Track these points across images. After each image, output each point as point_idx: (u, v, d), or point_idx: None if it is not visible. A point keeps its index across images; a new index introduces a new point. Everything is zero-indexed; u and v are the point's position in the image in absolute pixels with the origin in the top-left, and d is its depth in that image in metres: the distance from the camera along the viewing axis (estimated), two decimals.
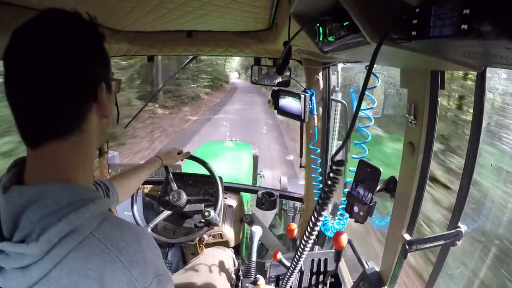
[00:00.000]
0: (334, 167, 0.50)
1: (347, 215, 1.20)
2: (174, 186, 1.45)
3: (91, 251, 0.39)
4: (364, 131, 0.86)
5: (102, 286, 0.39)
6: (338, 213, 1.20)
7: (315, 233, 0.60)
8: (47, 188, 0.41)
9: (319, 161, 1.33)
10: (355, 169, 0.75)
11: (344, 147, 1.29)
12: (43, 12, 0.46)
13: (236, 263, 1.42)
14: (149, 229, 1.41)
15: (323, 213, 0.56)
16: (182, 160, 1.37)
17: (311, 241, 0.63)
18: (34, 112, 0.43)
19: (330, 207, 1.35)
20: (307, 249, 0.63)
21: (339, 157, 0.47)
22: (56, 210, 0.40)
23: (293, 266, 0.71)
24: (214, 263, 1.27)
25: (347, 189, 0.80)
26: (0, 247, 0.39)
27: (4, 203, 0.41)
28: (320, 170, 1.36)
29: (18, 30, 0.44)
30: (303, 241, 0.62)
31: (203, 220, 1.41)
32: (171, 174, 1.46)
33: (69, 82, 0.44)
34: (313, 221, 0.58)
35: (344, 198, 1.01)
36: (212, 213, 1.38)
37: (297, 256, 0.65)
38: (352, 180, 0.75)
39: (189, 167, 2.16)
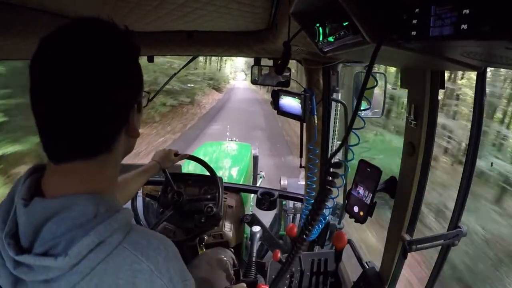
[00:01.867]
0: (331, 170, 0.50)
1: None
2: (174, 187, 1.45)
3: (121, 261, 0.39)
4: (355, 134, 0.86)
5: None
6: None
7: (310, 234, 0.59)
8: (72, 201, 0.40)
9: (319, 161, 1.33)
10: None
11: (344, 150, 1.30)
12: (75, 20, 0.42)
13: (236, 263, 1.42)
14: (144, 221, 1.41)
15: (317, 217, 0.55)
16: (180, 160, 1.37)
17: (306, 242, 0.63)
18: (60, 133, 0.41)
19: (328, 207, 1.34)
20: (301, 250, 0.63)
21: (338, 157, 0.47)
22: (83, 222, 0.39)
23: (285, 267, 0.71)
24: (214, 263, 1.27)
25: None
26: (22, 259, 0.38)
27: (25, 216, 0.40)
28: (320, 170, 1.36)
29: (47, 38, 0.40)
30: (297, 242, 0.62)
31: (203, 220, 1.41)
32: (169, 176, 1.46)
33: (102, 105, 0.41)
34: (309, 222, 0.58)
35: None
36: (215, 208, 1.38)
37: (290, 257, 0.65)
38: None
39: (189, 168, 2.16)
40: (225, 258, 1.31)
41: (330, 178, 0.51)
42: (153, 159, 1.23)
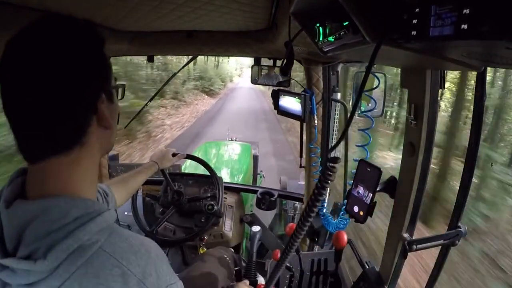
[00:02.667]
0: (328, 164, 0.50)
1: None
2: (173, 186, 1.45)
3: (101, 266, 0.39)
4: (366, 133, 0.86)
5: None
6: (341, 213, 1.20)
7: (305, 228, 0.60)
8: (51, 203, 0.40)
9: (320, 161, 1.33)
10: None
11: (344, 148, 1.30)
12: (39, 18, 0.43)
13: (238, 262, 1.43)
14: (154, 232, 1.42)
15: (314, 209, 0.55)
16: (178, 160, 1.37)
17: (301, 236, 0.63)
18: (30, 129, 0.41)
19: (324, 203, 1.35)
20: (297, 243, 0.64)
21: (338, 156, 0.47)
22: (62, 225, 0.39)
23: (281, 261, 0.71)
24: (216, 261, 1.27)
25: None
26: (5, 263, 0.38)
27: (7, 218, 0.40)
28: (320, 169, 1.36)
29: (14, 37, 0.41)
30: (293, 236, 0.63)
31: (203, 220, 1.41)
32: (168, 176, 1.46)
33: (65, 98, 0.41)
34: (305, 215, 0.58)
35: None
36: (216, 206, 1.39)
37: (286, 251, 0.66)
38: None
39: (189, 168, 2.16)
40: (226, 257, 1.32)
41: (328, 173, 0.51)
42: (151, 159, 1.23)
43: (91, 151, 0.46)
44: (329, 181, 0.51)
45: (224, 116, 10.49)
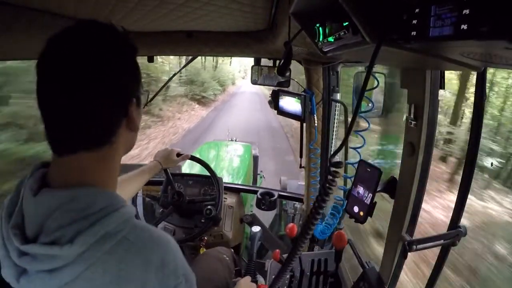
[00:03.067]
0: (331, 169, 0.50)
1: (337, 215, 1.22)
2: (175, 186, 1.45)
3: (124, 253, 0.41)
4: (360, 135, 0.86)
5: (137, 286, 0.41)
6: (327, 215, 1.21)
7: (308, 236, 0.59)
8: (79, 192, 0.42)
9: (319, 161, 1.33)
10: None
11: (344, 151, 1.30)
12: (77, 22, 0.46)
13: (238, 262, 1.43)
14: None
15: (318, 216, 0.55)
16: (182, 161, 1.37)
17: (306, 242, 0.63)
18: (64, 126, 0.44)
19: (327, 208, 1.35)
20: (301, 249, 0.63)
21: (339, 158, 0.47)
22: (89, 214, 0.41)
23: (285, 267, 0.71)
24: (215, 261, 1.27)
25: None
26: (26, 249, 0.39)
27: (34, 206, 0.42)
28: (320, 170, 1.36)
29: (53, 39, 0.44)
30: (297, 242, 0.62)
31: (203, 221, 1.41)
32: (171, 176, 1.46)
33: (101, 100, 0.44)
34: (309, 222, 0.58)
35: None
36: (214, 210, 1.39)
37: (290, 258, 0.65)
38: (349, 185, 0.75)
39: (189, 168, 2.16)
40: (226, 257, 1.32)
41: (330, 177, 0.51)
42: (155, 159, 1.23)
43: (118, 150, 0.49)
44: (332, 187, 0.51)
45: (215, 124, 8.34)
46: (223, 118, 9.98)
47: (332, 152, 1.39)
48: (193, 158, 1.43)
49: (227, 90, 19.33)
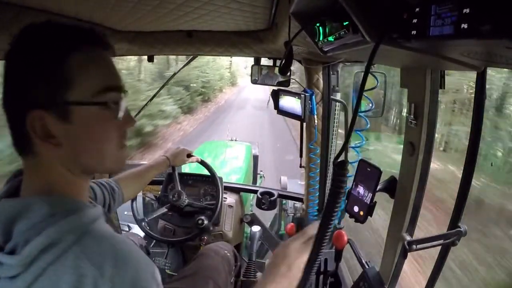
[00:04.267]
0: (337, 170, 0.46)
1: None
2: (178, 186, 1.45)
3: (68, 265, 0.39)
4: (359, 135, 0.86)
5: None
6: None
7: (324, 246, 0.55)
8: (30, 201, 0.42)
9: (319, 160, 1.33)
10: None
11: (345, 150, 1.30)
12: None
13: (238, 257, 1.42)
14: (146, 224, 1.42)
15: (331, 222, 0.50)
16: (191, 162, 1.36)
17: (321, 254, 0.59)
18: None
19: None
20: (318, 261, 0.60)
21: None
22: (37, 222, 0.40)
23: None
24: (215, 258, 1.27)
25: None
26: None
27: None
28: (320, 170, 1.36)
29: None
30: (313, 255, 0.58)
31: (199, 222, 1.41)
32: (177, 175, 1.46)
33: (4, 105, 0.43)
34: (321, 233, 0.53)
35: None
36: (206, 221, 1.39)
37: (309, 267, 0.60)
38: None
39: (188, 167, 2.16)
40: (227, 253, 1.31)
41: (340, 178, 0.47)
42: (165, 154, 1.21)
43: (48, 163, 0.45)
44: (343, 187, 0.47)
45: None
46: None
47: (335, 153, 1.39)
48: (202, 163, 1.43)
49: (216, 100, 14.29)
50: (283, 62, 0.69)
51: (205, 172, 1.54)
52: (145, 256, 0.45)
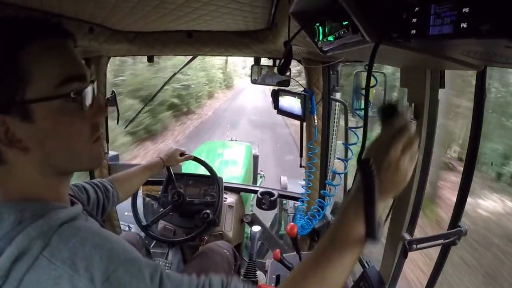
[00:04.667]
0: (362, 167, 0.43)
1: (321, 211, 1.23)
2: (176, 186, 1.45)
3: (42, 271, 0.37)
4: (353, 132, 0.86)
5: None
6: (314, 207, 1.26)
7: None
8: (0, 209, 0.39)
9: (318, 160, 1.33)
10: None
11: (344, 148, 1.30)
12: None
13: (238, 255, 1.42)
14: (147, 227, 1.42)
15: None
16: (185, 161, 1.36)
17: None
18: None
19: (329, 204, 1.35)
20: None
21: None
22: (8, 231, 0.38)
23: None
24: (215, 257, 1.27)
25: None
26: None
27: None
28: (320, 169, 1.36)
29: None
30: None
31: (199, 225, 1.42)
32: (173, 175, 1.46)
33: None
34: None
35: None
36: (211, 215, 1.39)
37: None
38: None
39: (189, 168, 2.16)
40: (226, 252, 1.31)
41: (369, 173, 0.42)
42: (158, 156, 1.22)
43: (24, 170, 0.43)
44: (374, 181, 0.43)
45: None
46: None
47: (333, 151, 1.39)
48: (196, 159, 1.44)
49: (201, 111, 10.74)
50: (282, 62, 0.69)
51: (206, 172, 1.54)
52: (125, 244, 0.42)
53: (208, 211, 1.42)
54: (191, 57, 1.54)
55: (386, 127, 0.48)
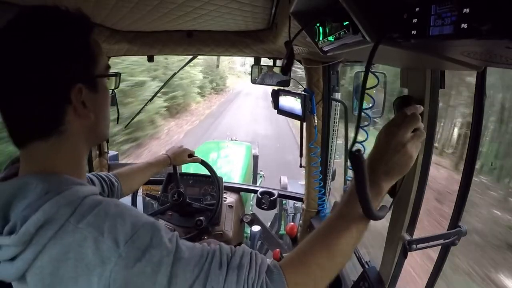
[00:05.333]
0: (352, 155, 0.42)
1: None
2: (179, 185, 1.45)
3: (67, 236, 0.39)
4: (364, 130, 0.86)
5: (84, 265, 0.38)
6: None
7: None
8: (26, 181, 0.42)
9: (320, 160, 1.33)
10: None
11: (345, 145, 1.30)
12: (23, 8, 0.45)
13: None
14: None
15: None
16: (192, 163, 1.35)
17: None
18: (13, 115, 0.44)
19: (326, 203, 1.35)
20: None
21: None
22: (34, 200, 0.40)
23: None
24: None
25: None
26: None
27: None
28: (320, 169, 1.36)
29: None
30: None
31: (198, 222, 1.41)
32: (178, 174, 1.46)
33: (36, 85, 0.42)
34: None
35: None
36: (205, 222, 1.39)
37: None
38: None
39: (189, 167, 2.16)
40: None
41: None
42: (166, 153, 1.21)
43: (73, 141, 0.47)
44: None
45: None
46: None
47: (333, 151, 1.39)
48: (203, 163, 1.43)
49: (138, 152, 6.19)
50: (285, 62, 0.69)
51: (206, 172, 1.55)
52: (143, 214, 0.46)
53: (201, 218, 1.41)
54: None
55: (399, 113, 0.54)
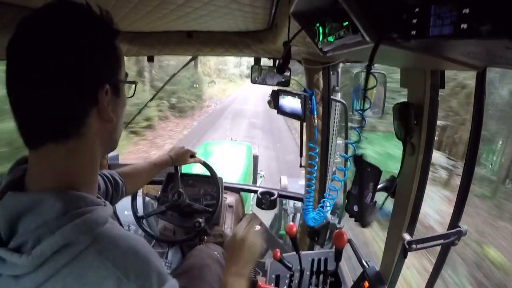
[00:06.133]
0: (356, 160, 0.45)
1: (331, 203, 1.24)
2: (180, 185, 1.45)
3: (86, 266, 0.38)
4: (357, 131, 0.86)
5: None
6: (319, 205, 1.26)
7: None
8: (42, 196, 0.40)
9: (319, 160, 1.34)
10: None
11: (344, 147, 1.30)
12: (50, 2, 0.42)
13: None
14: (145, 222, 1.42)
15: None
16: (194, 163, 1.35)
17: None
18: (30, 113, 0.41)
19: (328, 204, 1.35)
20: None
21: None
22: (50, 220, 0.38)
23: None
24: (205, 259, 1.26)
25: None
26: None
27: (1, 209, 0.40)
28: (320, 169, 1.36)
29: (22, 21, 0.41)
30: None
31: (197, 224, 1.42)
32: (179, 175, 1.46)
33: (65, 83, 0.41)
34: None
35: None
36: (203, 223, 1.39)
37: None
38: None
39: (188, 167, 2.17)
40: (216, 253, 1.31)
41: None
42: (168, 153, 1.21)
43: (90, 144, 0.45)
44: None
45: None
46: None
47: (333, 151, 1.39)
48: (204, 164, 1.43)
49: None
50: (279, 62, 0.70)
51: (205, 172, 1.54)
52: (153, 251, 0.45)
53: (200, 219, 1.41)
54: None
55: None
